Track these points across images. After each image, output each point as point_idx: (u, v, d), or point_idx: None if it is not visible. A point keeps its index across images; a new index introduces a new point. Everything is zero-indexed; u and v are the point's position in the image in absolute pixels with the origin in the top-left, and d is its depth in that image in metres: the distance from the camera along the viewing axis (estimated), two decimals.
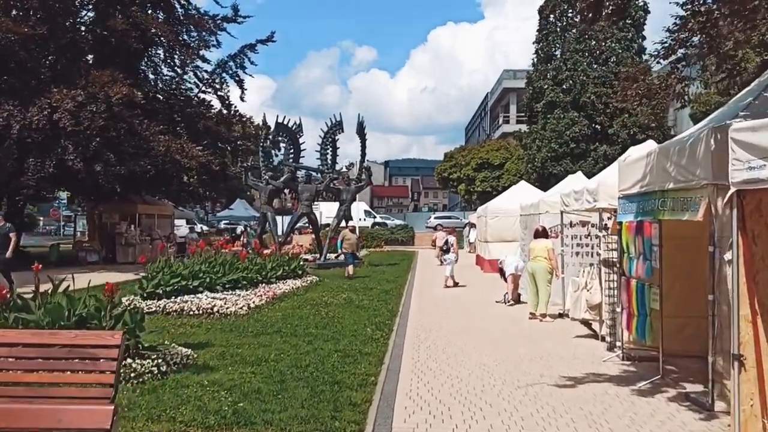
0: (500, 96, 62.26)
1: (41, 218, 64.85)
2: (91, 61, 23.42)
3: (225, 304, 11.59)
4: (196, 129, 24.65)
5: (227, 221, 47.74)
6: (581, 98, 36.26)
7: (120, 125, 20.79)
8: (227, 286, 13.77)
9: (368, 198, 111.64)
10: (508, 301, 13.25)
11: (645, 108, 15.21)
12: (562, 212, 11.76)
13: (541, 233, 11.66)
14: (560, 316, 11.67)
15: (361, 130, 24.56)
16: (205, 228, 55.00)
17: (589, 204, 9.57)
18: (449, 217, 54.00)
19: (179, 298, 11.99)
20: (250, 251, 17.55)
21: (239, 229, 38.69)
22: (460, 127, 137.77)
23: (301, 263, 18.23)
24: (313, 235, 26.39)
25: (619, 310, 8.17)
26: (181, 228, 36.66)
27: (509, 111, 60.93)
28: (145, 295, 12.10)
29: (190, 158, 22.20)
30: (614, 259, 8.50)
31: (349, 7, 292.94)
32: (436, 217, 53.84)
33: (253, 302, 12.35)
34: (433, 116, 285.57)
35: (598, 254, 11.97)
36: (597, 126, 36.41)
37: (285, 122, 23.76)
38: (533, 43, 40.55)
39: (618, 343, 8.31)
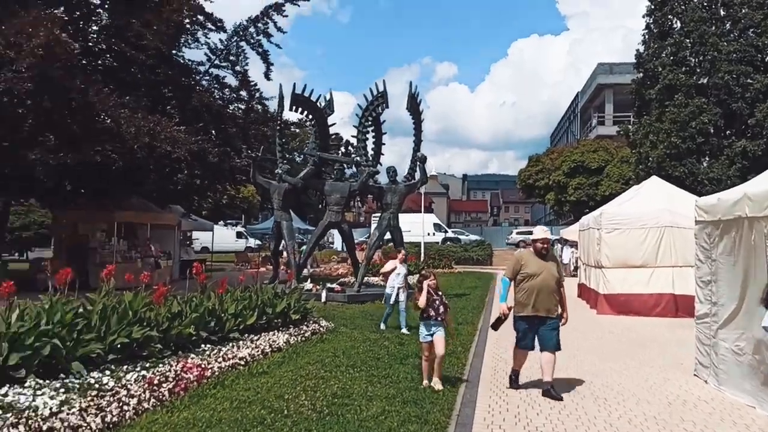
0: (593, 94, 54.29)
1: None
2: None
3: None
4: (191, 106, 17.84)
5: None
6: (710, 80, 27.89)
7: (72, 96, 14.47)
8: (118, 357, 6.91)
9: (445, 212, 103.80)
10: None
11: None
12: None
13: None
14: None
15: (414, 105, 17.06)
16: (256, 242, 49.27)
17: None
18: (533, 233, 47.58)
19: None
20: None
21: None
22: (541, 142, 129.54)
23: (300, 301, 11.07)
24: (365, 252, 18.64)
25: None
26: (197, 242, 30.40)
27: (604, 111, 53.43)
28: None
29: (173, 144, 15.55)
30: None
31: (429, 20, 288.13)
32: (518, 233, 48.07)
33: (104, 418, 5.31)
34: (513, 131, 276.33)
35: None
36: (732, 115, 27.85)
37: (308, 95, 16.51)
38: (643, 16, 32.34)
39: None
